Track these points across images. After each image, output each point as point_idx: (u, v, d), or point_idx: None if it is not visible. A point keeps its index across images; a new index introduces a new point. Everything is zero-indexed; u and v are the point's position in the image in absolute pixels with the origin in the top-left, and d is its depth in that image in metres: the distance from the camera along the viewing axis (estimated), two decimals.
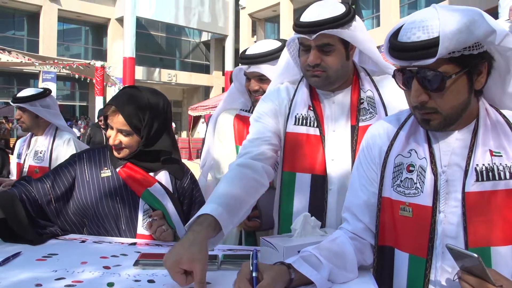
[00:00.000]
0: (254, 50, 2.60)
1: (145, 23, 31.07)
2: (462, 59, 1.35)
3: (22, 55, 14.15)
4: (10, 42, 24.82)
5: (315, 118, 2.11)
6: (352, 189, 1.74)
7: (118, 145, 2.18)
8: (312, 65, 2.01)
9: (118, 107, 2.16)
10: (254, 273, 1.33)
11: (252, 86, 2.59)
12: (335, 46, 2.00)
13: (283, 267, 1.41)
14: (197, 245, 1.42)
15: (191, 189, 2.36)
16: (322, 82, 2.05)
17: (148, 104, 2.20)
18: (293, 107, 2.15)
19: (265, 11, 31.05)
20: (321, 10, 2.00)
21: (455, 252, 1.25)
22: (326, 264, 1.45)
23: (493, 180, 1.41)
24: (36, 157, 3.75)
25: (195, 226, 1.52)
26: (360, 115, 2.07)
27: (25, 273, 1.56)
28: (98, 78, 14.21)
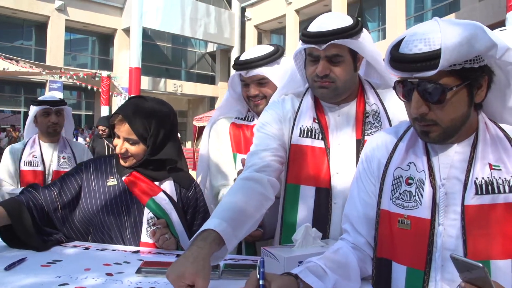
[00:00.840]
0: (250, 55, 2.58)
1: (151, 33, 31.22)
2: (463, 72, 1.36)
3: (29, 65, 14.25)
4: (18, 51, 24.98)
5: (320, 131, 2.09)
6: (351, 200, 1.75)
7: (125, 153, 2.22)
8: (321, 76, 1.99)
9: (125, 117, 2.20)
10: (261, 281, 1.34)
11: (251, 91, 2.56)
12: (344, 57, 1.99)
13: (291, 277, 1.42)
14: (201, 261, 1.44)
15: (196, 199, 2.38)
16: (330, 93, 2.04)
17: (154, 113, 2.23)
18: (297, 118, 2.14)
19: (270, 22, 31.15)
20: (329, 21, 2.00)
21: (460, 262, 1.23)
22: (331, 275, 1.47)
23: (492, 193, 1.41)
24: (61, 163, 3.78)
25: (199, 241, 1.52)
26: (366, 129, 2.05)
27: (30, 278, 1.60)
28: (104, 88, 14.30)
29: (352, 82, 2.08)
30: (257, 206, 1.84)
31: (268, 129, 2.15)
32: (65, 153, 3.86)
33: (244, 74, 2.56)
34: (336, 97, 2.08)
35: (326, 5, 25.81)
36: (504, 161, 1.44)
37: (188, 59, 36.90)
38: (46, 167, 3.75)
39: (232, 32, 33.54)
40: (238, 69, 2.59)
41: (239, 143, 2.67)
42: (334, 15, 2.07)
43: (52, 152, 3.82)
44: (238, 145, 2.67)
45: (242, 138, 2.66)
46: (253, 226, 1.81)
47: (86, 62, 31.72)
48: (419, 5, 22.32)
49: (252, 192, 1.86)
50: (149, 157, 2.24)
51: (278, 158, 2.08)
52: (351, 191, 1.77)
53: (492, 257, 1.38)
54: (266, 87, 2.55)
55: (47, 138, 3.85)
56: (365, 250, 1.66)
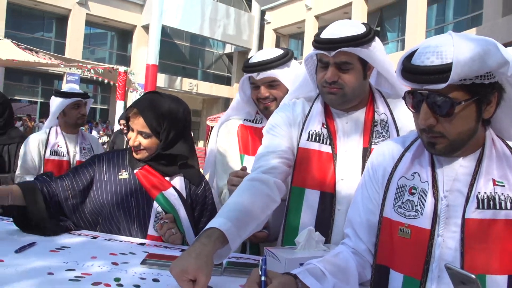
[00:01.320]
0: (262, 57, 2.58)
1: (170, 31, 31.32)
2: (473, 87, 1.37)
3: (48, 56, 14.39)
4: (38, 43, 25.20)
5: (328, 136, 2.10)
6: (354, 206, 1.77)
7: (138, 146, 2.28)
8: (329, 82, 2.01)
9: (140, 110, 2.27)
10: (263, 277, 1.39)
11: (262, 93, 2.56)
12: (353, 65, 2.01)
13: (291, 277, 1.46)
14: (204, 257, 1.48)
15: (204, 196, 2.43)
16: (338, 99, 2.05)
17: (168, 109, 2.29)
18: (307, 122, 2.16)
19: (290, 27, 31.12)
20: (342, 28, 2.02)
21: (454, 272, 1.24)
22: (330, 278, 1.50)
23: (493, 209, 1.42)
24: (83, 153, 3.87)
25: (203, 238, 1.56)
26: (373, 138, 2.07)
27: (39, 262, 1.66)
28: (120, 83, 14.38)
29: (361, 89, 2.09)
30: (262, 207, 1.86)
31: (278, 131, 2.17)
32: (85, 144, 3.97)
33: (255, 76, 2.56)
34: (344, 104, 2.09)
35: (346, 13, 25.75)
36: (508, 178, 1.45)
37: (205, 59, 36.97)
38: (70, 157, 3.84)
39: (251, 35, 33.57)
40: (249, 71, 2.60)
41: (246, 144, 2.69)
42: (347, 23, 2.09)
43: (75, 143, 3.92)
44: (245, 146, 2.69)
45: (250, 140, 2.69)
46: (257, 227, 1.83)
47: (104, 57, 31.88)
48: (440, 17, 22.16)
49: (258, 193, 1.89)
50: (161, 151, 2.29)
51: (285, 160, 2.10)
52: (355, 197, 1.80)
53: (488, 272, 1.39)
54: (277, 89, 2.56)
55: (70, 129, 3.94)
56: (365, 256, 1.68)
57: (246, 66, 2.62)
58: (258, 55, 2.66)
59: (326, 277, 1.50)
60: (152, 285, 1.54)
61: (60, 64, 14.60)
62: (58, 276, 1.54)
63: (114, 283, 1.51)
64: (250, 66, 2.59)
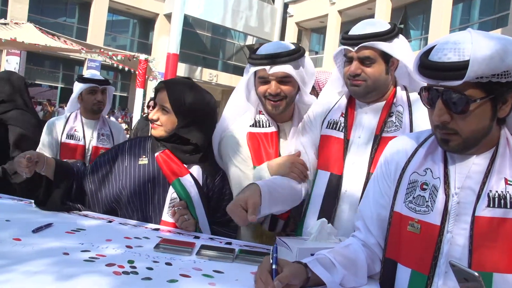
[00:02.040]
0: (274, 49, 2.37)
1: (192, 21, 31.34)
2: (489, 85, 1.36)
3: (70, 42, 14.50)
4: (60, 28, 25.39)
5: (344, 124, 2.25)
6: (366, 199, 1.79)
7: (156, 119, 2.34)
8: (353, 75, 2.16)
9: (166, 85, 2.36)
10: (274, 266, 1.42)
11: (273, 88, 2.35)
12: (375, 60, 2.14)
13: (301, 266, 1.48)
14: (250, 191, 1.90)
15: (221, 187, 2.45)
16: (361, 91, 2.18)
17: (192, 93, 2.36)
18: (330, 112, 2.33)
19: (312, 21, 31.00)
20: (367, 26, 2.18)
21: (457, 269, 1.25)
22: (340, 269, 1.52)
23: (504, 207, 1.41)
24: (100, 139, 3.91)
25: (246, 188, 1.95)
26: (386, 127, 2.16)
27: (55, 242, 1.69)
28: (140, 71, 14.45)
29: (383, 83, 2.19)
30: (291, 199, 2.24)
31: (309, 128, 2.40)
32: (104, 131, 4.00)
33: (268, 70, 2.33)
34: (367, 95, 2.21)
35: (370, 9, 25.59)
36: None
37: (226, 50, 36.96)
38: (86, 142, 3.88)
39: (273, 27, 33.43)
40: (260, 64, 2.36)
41: (259, 154, 2.45)
42: (373, 22, 2.23)
43: (93, 128, 3.95)
44: (258, 157, 2.44)
45: (262, 149, 2.46)
46: (279, 211, 2.20)
47: (126, 44, 32.01)
48: (465, 17, 21.89)
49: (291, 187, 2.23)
50: (177, 132, 2.33)
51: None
52: (367, 190, 1.82)
53: (496, 270, 1.40)
54: (288, 85, 2.39)
55: (89, 115, 3.97)
56: (374, 250, 1.69)
57: (260, 58, 2.37)
58: (269, 46, 2.44)
59: (336, 268, 1.52)
60: (164, 268, 1.56)
61: (82, 50, 14.70)
62: (73, 257, 1.57)
63: (128, 265, 1.53)
64: (263, 57, 2.36)
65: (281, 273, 1.40)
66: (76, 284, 1.33)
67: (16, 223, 1.92)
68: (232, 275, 1.58)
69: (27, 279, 1.32)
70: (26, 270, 1.38)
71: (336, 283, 1.49)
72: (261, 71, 2.37)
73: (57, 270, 1.41)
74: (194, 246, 1.84)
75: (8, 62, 19.04)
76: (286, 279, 1.39)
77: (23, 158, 2.13)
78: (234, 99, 2.62)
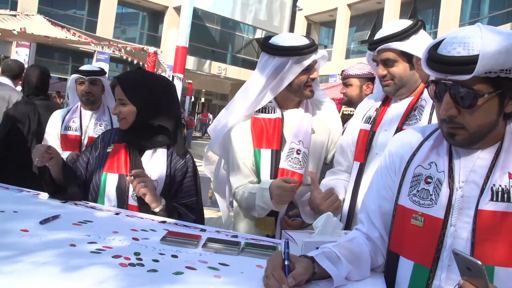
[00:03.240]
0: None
1: (201, 14, 31.35)
2: (498, 80, 1.36)
3: (79, 34, 14.52)
4: (70, 20, 25.45)
5: (374, 118, 2.41)
6: (370, 192, 1.79)
7: (118, 114, 2.42)
8: (380, 76, 2.33)
9: (118, 79, 2.45)
10: (287, 262, 1.41)
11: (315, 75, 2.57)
12: (396, 60, 2.26)
13: (309, 260, 1.48)
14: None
15: (186, 167, 2.50)
16: (391, 90, 2.32)
17: (144, 79, 2.47)
18: (369, 110, 2.50)
19: (321, 15, 30.94)
20: (386, 29, 2.30)
21: (461, 257, 1.26)
22: (345, 262, 1.53)
23: (507, 201, 1.41)
24: (97, 129, 3.90)
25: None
26: (407, 120, 2.27)
27: (62, 234, 1.71)
28: (149, 64, 14.42)
29: (410, 80, 2.31)
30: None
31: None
32: (102, 121, 3.94)
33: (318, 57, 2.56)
34: (397, 93, 2.33)
35: (379, 3, 25.52)
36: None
37: (235, 43, 36.96)
38: (83, 132, 3.88)
39: (282, 21, 33.35)
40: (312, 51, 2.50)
41: (260, 138, 2.58)
42: (394, 22, 2.34)
43: (90, 119, 3.94)
44: (259, 140, 2.58)
45: (264, 134, 2.57)
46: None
47: (135, 37, 32.08)
48: (475, 11, 21.75)
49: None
50: (139, 119, 2.39)
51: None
52: (371, 183, 1.82)
53: (497, 264, 1.40)
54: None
55: (86, 106, 3.96)
56: (377, 243, 1.70)
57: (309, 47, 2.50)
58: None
59: (341, 261, 1.53)
60: (170, 261, 1.57)
61: (91, 42, 14.72)
62: (80, 248, 1.58)
63: (134, 257, 1.55)
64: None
65: (293, 269, 1.41)
66: (82, 276, 1.34)
67: (23, 214, 1.93)
68: (237, 268, 1.58)
69: (34, 270, 1.34)
70: (33, 261, 1.39)
71: (342, 276, 1.49)
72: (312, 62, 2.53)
73: (64, 261, 1.43)
74: (200, 239, 1.85)
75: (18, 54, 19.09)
76: (300, 276, 1.40)
77: (44, 147, 2.27)
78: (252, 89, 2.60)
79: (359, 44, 28.77)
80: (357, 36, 28.92)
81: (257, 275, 1.49)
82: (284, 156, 2.54)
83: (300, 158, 2.55)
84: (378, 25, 26.72)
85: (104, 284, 1.30)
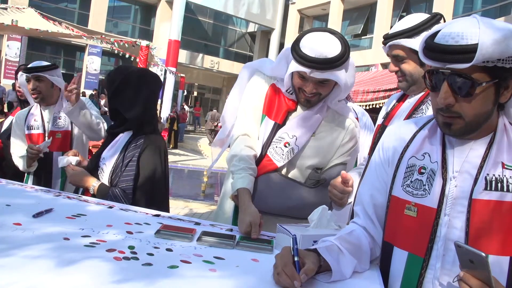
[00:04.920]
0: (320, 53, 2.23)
1: (194, 7, 31.26)
2: (494, 70, 1.38)
3: (71, 27, 14.44)
4: (61, 13, 25.34)
5: (387, 113, 2.43)
6: (364, 184, 1.81)
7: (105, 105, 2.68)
8: (391, 72, 2.32)
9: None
10: (297, 258, 1.42)
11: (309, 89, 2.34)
12: (406, 56, 2.22)
13: (315, 255, 1.50)
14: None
15: (130, 160, 2.56)
16: (404, 86, 2.30)
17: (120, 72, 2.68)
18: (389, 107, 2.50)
19: (314, 8, 30.94)
20: (399, 25, 2.24)
21: (463, 250, 1.27)
22: (348, 255, 1.56)
23: (501, 191, 1.43)
24: (56, 123, 3.83)
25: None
26: (414, 114, 2.25)
27: (55, 227, 1.69)
28: (142, 57, 14.36)
29: (421, 76, 2.22)
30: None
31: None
32: (61, 113, 3.86)
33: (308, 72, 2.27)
34: (410, 89, 2.30)
35: None
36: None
37: (228, 37, 36.92)
38: (46, 129, 3.83)
39: (275, 15, 33.31)
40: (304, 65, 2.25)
41: (271, 106, 2.48)
42: (409, 18, 2.25)
43: (50, 114, 3.87)
44: (270, 108, 2.48)
45: (276, 103, 2.47)
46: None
47: (127, 30, 31.96)
48: (468, 5, 21.85)
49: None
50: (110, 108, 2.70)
51: None
52: (365, 175, 1.83)
53: (491, 252, 1.41)
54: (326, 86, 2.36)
55: (41, 102, 3.88)
56: (374, 235, 1.71)
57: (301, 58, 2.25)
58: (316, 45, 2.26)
59: (344, 255, 1.55)
60: (165, 254, 1.56)
61: (83, 35, 14.64)
62: (74, 242, 1.57)
63: (128, 251, 1.53)
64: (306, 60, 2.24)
65: (303, 264, 1.42)
66: (76, 269, 1.33)
67: (16, 208, 1.92)
68: (232, 262, 1.58)
69: (26, 263, 1.32)
70: (26, 255, 1.38)
71: (342, 271, 1.51)
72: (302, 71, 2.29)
73: (57, 255, 1.41)
74: (195, 233, 1.84)
75: (9, 47, 19.02)
76: (312, 272, 1.41)
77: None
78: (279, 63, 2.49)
79: (352, 38, 28.79)
80: (350, 30, 28.94)
81: (252, 269, 1.49)
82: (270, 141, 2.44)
83: (285, 152, 2.41)
84: (371, 18, 26.78)
85: (98, 278, 1.29)
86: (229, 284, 1.37)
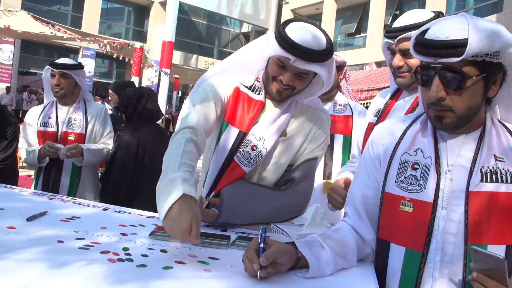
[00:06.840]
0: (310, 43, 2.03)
1: (187, 8, 31.24)
2: (483, 64, 1.43)
3: (64, 30, 14.42)
4: (55, 16, 25.30)
5: (381, 111, 2.39)
6: (355, 182, 1.82)
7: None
8: (396, 67, 2.20)
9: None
10: (262, 244, 1.45)
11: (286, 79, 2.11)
12: None
13: (291, 246, 1.53)
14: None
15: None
16: (406, 82, 2.23)
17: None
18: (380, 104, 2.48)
19: (308, 8, 30.96)
20: (408, 17, 2.17)
21: (480, 254, 1.31)
22: (330, 251, 1.56)
23: (496, 182, 1.48)
24: (70, 124, 3.84)
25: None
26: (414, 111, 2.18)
27: (50, 230, 1.69)
28: (136, 59, 14.36)
29: None
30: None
31: None
32: (77, 115, 3.89)
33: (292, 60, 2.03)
34: (412, 86, 2.23)
35: None
36: (508, 155, 1.52)
37: (222, 37, 36.88)
38: (59, 128, 3.83)
39: (268, 15, 33.27)
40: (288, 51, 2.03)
41: (234, 113, 2.24)
42: (417, 11, 2.21)
43: (66, 114, 3.88)
44: (232, 114, 2.24)
45: (239, 110, 2.23)
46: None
47: (121, 32, 31.93)
48: (460, 3, 21.95)
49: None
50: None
51: None
52: (356, 174, 1.85)
53: (489, 242, 1.45)
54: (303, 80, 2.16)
55: (60, 100, 3.91)
56: (361, 233, 1.72)
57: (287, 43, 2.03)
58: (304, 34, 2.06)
59: (325, 250, 1.56)
60: (159, 256, 1.56)
61: (77, 38, 14.61)
62: (68, 244, 1.56)
63: (123, 252, 1.53)
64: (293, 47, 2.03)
65: (267, 250, 1.43)
66: (70, 272, 1.32)
67: (10, 211, 1.91)
68: (227, 262, 1.58)
69: (20, 267, 1.31)
70: (20, 258, 1.37)
71: (320, 266, 1.52)
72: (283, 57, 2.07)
73: (52, 258, 1.41)
74: None
75: (2, 50, 18.94)
76: (272, 255, 1.42)
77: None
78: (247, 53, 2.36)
79: (345, 37, 28.84)
80: (344, 29, 29.00)
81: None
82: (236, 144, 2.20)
83: (253, 155, 2.20)
84: (364, 17, 26.80)
85: (93, 280, 1.28)
86: (223, 284, 1.37)
